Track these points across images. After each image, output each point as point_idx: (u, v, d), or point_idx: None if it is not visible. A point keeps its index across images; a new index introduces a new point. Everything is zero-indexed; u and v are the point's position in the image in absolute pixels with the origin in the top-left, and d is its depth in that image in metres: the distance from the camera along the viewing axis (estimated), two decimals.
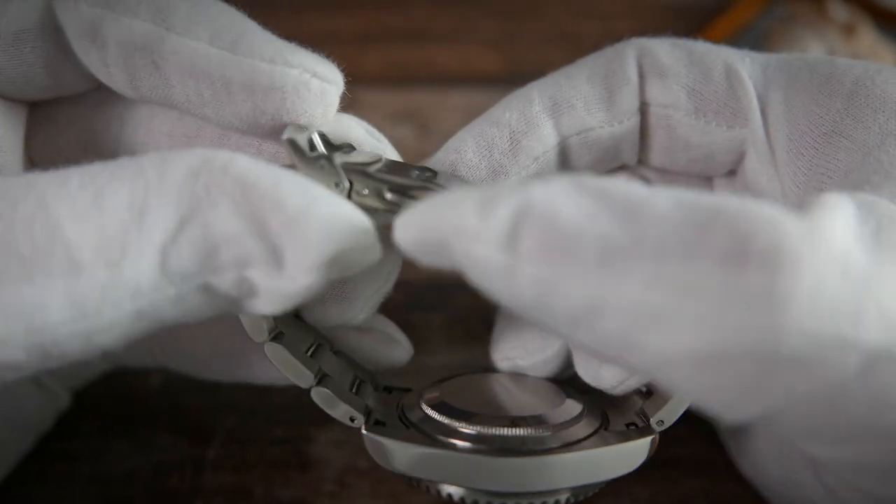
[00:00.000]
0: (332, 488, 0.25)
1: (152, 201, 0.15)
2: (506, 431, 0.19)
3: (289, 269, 0.15)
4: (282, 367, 0.19)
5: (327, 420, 0.25)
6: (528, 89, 0.22)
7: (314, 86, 0.18)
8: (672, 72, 0.21)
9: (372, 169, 0.19)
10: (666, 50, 0.21)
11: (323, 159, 0.18)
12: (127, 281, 0.15)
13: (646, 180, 0.24)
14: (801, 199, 0.20)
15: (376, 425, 0.20)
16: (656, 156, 0.23)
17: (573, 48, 0.40)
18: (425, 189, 0.19)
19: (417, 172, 0.20)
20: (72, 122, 0.21)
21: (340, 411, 0.20)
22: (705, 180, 0.23)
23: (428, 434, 0.19)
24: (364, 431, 0.20)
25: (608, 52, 0.22)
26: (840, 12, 0.38)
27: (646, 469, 0.26)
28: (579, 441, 0.19)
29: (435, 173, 0.20)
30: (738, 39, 0.40)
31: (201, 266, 0.15)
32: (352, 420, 0.20)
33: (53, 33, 0.19)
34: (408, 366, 0.23)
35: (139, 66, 0.18)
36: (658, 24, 0.22)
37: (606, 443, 0.19)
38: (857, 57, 0.36)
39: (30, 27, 0.19)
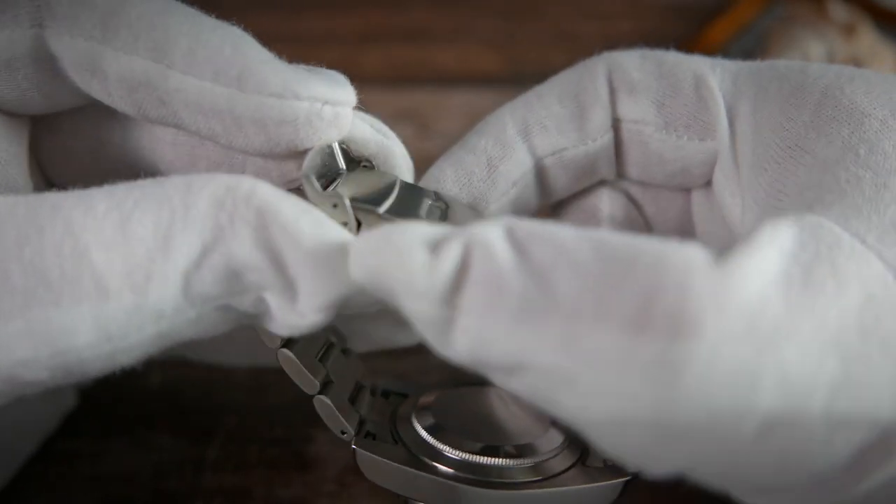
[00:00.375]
0: (332, 488, 0.25)
1: (177, 229, 0.15)
2: (487, 461, 0.20)
3: (301, 304, 0.16)
4: (291, 374, 0.20)
5: None
6: (501, 113, 0.22)
7: (326, 113, 0.18)
8: (641, 86, 0.21)
9: (382, 209, 0.19)
10: (635, 63, 0.21)
11: (335, 197, 0.18)
12: (151, 306, 0.15)
13: (628, 195, 0.23)
14: (759, 216, 0.19)
15: (367, 437, 0.21)
16: (634, 171, 0.22)
17: (573, 48, 0.40)
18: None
19: (430, 203, 0.20)
20: (76, 130, 0.21)
21: (335, 423, 0.20)
22: (685, 192, 0.23)
23: (414, 454, 0.20)
24: (353, 446, 0.20)
25: (579, 69, 0.22)
26: (840, 12, 0.38)
27: None
28: (556, 475, 0.20)
29: (447, 204, 0.20)
30: (738, 39, 0.40)
31: (222, 290, 0.16)
32: (342, 433, 0.20)
33: (47, 61, 0.18)
34: (412, 363, 0.23)
35: (145, 100, 0.18)
36: (658, 24, 0.22)
37: (580, 480, 0.20)
38: (857, 57, 0.36)
39: (21, 56, 0.18)
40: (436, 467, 0.20)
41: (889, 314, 0.14)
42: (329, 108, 0.18)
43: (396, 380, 0.24)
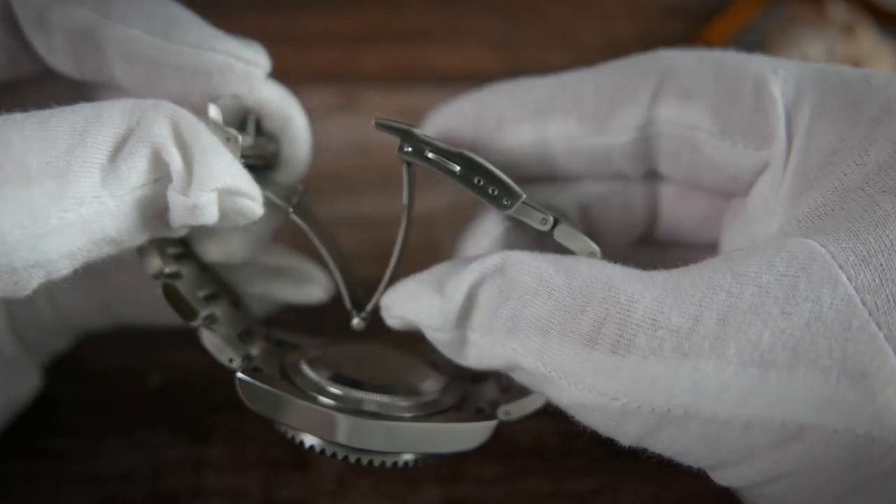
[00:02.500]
0: (332, 488, 0.25)
1: (92, 127, 0.18)
2: (366, 395, 0.21)
3: (194, 187, 0.18)
4: (171, 303, 0.21)
5: None
6: (534, 85, 0.23)
7: (238, 68, 0.21)
8: (697, 91, 0.21)
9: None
10: (691, 67, 0.21)
11: (229, 134, 0.20)
12: (72, 193, 0.17)
13: (667, 195, 0.23)
14: (783, 235, 0.19)
15: (254, 371, 0.21)
16: (679, 172, 0.22)
17: (573, 48, 0.40)
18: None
19: (541, 216, 0.20)
20: (37, 104, 0.22)
21: (221, 353, 0.21)
22: (724, 200, 0.23)
23: (297, 386, 0.21)
24: (238, 374, 0.21)
25: (631, 67, 0.22)
26: (840, 12, 0.38)
27: (646, 469, 0.26)
28: (430, 414, 0.21)
29: (555, 220, 0.20)
30: (737, 39, 0.40)
31: (137, 178, 0.18)
32: (230, 361, 0.21)
33: (9, 20, 0.21)
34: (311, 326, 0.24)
35: (84, 51, 0.21)
36: (658, 24, 0.22)
37: (450, 420, 0.21)
38: (857, 57, 0.36)
39: None
40: (318, 399, 0.21)
41: (832, 337, 0.16)
42: (241, 64, 0.21)
43: (292, 332, 0.25)
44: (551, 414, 0.27)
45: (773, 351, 0.16)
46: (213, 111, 0.20)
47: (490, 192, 0.19)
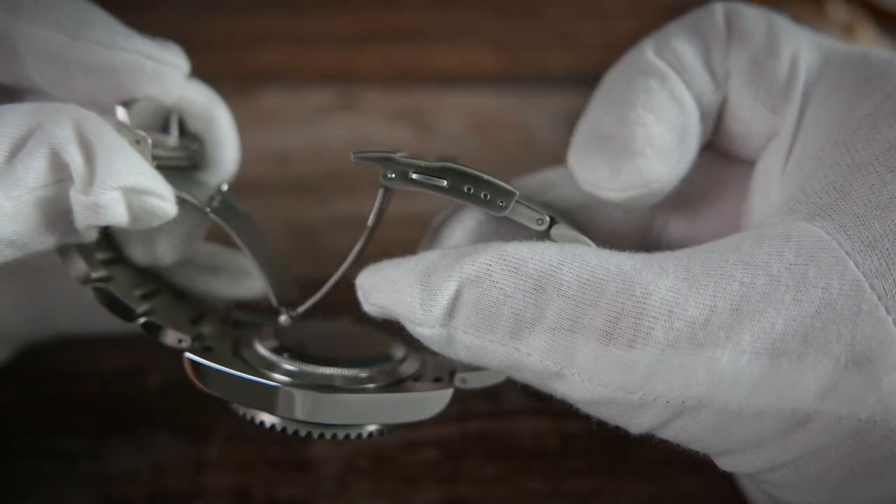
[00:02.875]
0: (332, 488, 0.25)
1: None
2: (318, 369, 0.21)
3: (96, 185, 0.18)
4: (105, 306, 0.21)
5: None
6: (639, 51, 0.22)
7: (149, 67, 0.21)
8: (747, 37, 0.21)
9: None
10: (751, 14, 0.21)
11: (139, 136, 0.20)
12: None
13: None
14: (791, 213, 0.19)
15: (204, 351, 0.21)
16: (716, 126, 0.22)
17: (573, 48, 0.40)
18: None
19: (537, 217, 0.20)
20: None
21: (168, 336, 0.21)
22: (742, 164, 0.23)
23: (250, 364, 0.21)
24: (186, 354, 0.20)
25: (698, 12, 0.22)
26: (840, 12, 0.38)
27: (646, 469, 0.26)
28: (385, 386, 0.21)
29: (552, 220, 0.20)
30: None
31: (35, 179, 0.18)
32: (179, 342, 0.21)
33: None
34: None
35: (2, 55, 0.21)
36: (658, 24, 0.22)
37: (407, 390, 0.21)
38: None
39: None
40: (270, 374, 0.21)
41: (841, 322, 0.16)
42: (152, 63, 0.21)
43: (252, 312, 0.25)
44: (551, 414, 0.27)
45: (784, 339, 0.16)
46: (121, 113, 0.20)
47: (482, 197, 0.19)
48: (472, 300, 0.18)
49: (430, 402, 0.21)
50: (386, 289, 0.19)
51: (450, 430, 0.27)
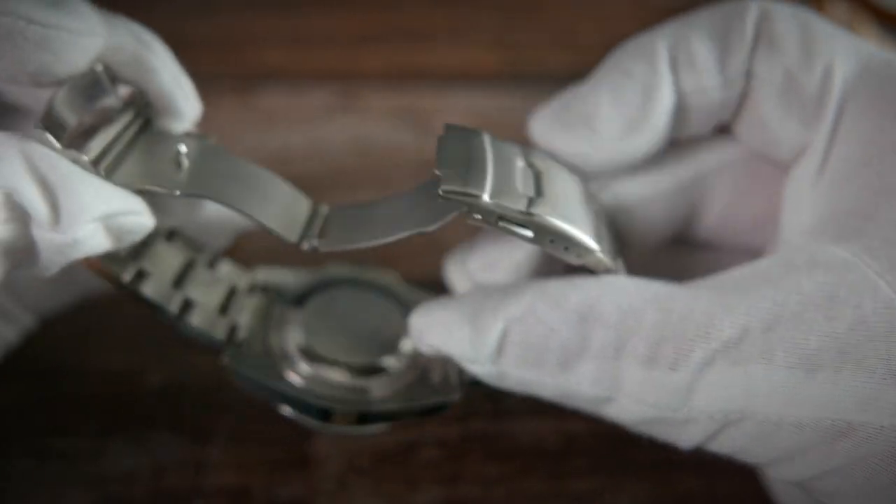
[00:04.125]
0: (332, 488, 0.25)
1: None
2: (333, 376, 0.22)
3: (62, 222, 0.17)
4: (150, 307, 0.22)
5: None
6: (653, 39, 0.21)
7: (31, 33, 0.18)
8: (781, 46, 0.20)
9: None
10: (786, 20, 0.21)
11: (75, 156, 0.19)
12: None
13: (730, 154, 0.23)
14: (819, 236, 0.19)
15: (239, 355, 0.22)
16: (741, 127, 0.22)
17: (573, 48, 0.40)
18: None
19: (522, 166, 0.20)
20: None
21: (206, 337, 0.22)
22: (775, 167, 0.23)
23: (276, 366, 0.22)
24: (225, 362, 0.22)
25: (730, 6, 0.21)
26: (840, 12, 0.38)
27: (646, 469, 0.26)
28: (396, 400, 0.22)
29: (540, 171, 0.20)
30: None
31: None
32: (218, 353, 0.22)
33: None
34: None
35: None
36: (658, 25, 0.22)
37: (412, 400, 0.22)
38: None
39: None
40: (291, 382, 0.22)
41: (876, 338, 0.17)
42: (36, 28, 0.18)
43: (273, 269, 0.26)
44: (552, 414, 0.27)
45: (819, 354, 0.17)
46: (45, 138, 0.18)
47: (564, 248, 0.19)
48: (520, 337, 0.19)
49: (431, 413, 0.22)
50: (437, 330, 0.20)
51: (450, 430, 0.27)
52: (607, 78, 0.21)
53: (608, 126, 0.21)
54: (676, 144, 0.23)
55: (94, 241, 0.18)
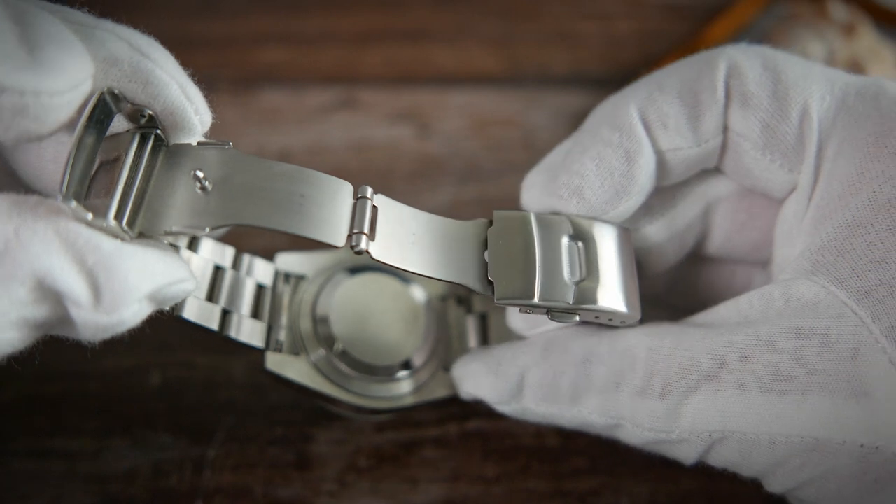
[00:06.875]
0: (332, 487, 0.25)
1: None
2: (363, 376, 0.24)
3: (106, 303, 0.16)
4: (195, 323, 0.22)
5: (327, 419, 0.25)
6: (624, 103, 0.22)
7: (5, 102, 0.16)
8: (754, 101, 0.21)
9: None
10: (756, 73, 0.21)
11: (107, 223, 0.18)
12: None
13: (727, 188, 0.24)
14: (794, 272, 0.20)
15: (274, 353, 0.24)
16: (728, 171, 0.23)
17: (573, 48, 0.40)
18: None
19: (568, 240, 0.22)
20: None
21: (250, 346, 0.23)
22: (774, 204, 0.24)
23: (316, 368, 0.24)
24: (268, 369, 0.23)
25: (700, 64, 0.22)
26: (840, 12, 0.38)
27: (646, 469, 0.26)
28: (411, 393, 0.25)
29: (584, 237, 0.22)
30: (738, 40, 0.40)
31: (11, 302, 0.16)
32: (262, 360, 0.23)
33: None
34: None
35: None
36: (658, 24, 0.22)
37: (424, 396, 0.25)
38: (857, 57, 0.36)
39: None
40: (335, 397, 0.24)
41: (841, 363, 0.18)
42: (10, 96, 0.16)
43: (292, 253, 0.26)
44: None
45: (789, 380, 0.19)
46: (74, 210, 0.17)
47: (607, 320, 0.22)
48: (536, 380, 0.22)
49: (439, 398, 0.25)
50: (470, 379, 0.24)
51: (450, 430, 0.27)
52: (590, 150, 0.22)
53: (598, 195, 0.22)
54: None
55: (139, 316, 0.17)
